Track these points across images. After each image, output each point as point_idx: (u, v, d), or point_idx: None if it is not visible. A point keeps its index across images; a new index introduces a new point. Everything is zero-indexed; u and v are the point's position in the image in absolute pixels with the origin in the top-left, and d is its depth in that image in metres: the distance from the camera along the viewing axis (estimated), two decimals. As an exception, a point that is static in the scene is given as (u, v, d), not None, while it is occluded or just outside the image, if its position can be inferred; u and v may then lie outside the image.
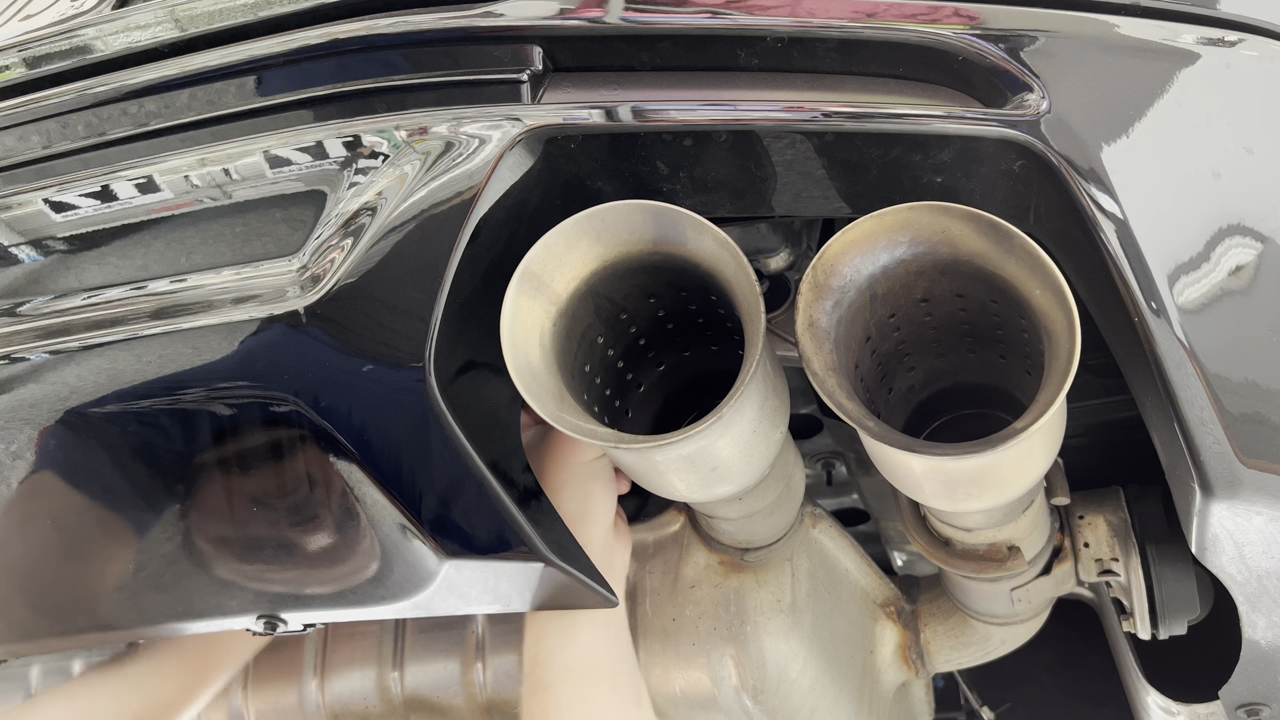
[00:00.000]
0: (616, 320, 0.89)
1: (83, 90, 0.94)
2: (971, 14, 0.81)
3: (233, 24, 0.91)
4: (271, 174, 0.89)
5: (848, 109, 0.81)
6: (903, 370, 0.94)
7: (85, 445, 0.94)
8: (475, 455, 0.85)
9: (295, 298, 0.86)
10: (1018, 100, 0.79)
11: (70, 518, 0.98)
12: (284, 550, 0.95)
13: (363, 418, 0.87)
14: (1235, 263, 0.77)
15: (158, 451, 0.93)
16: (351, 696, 1.31)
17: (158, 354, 0.90)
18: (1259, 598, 0.89)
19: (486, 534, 0.88)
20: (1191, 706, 1.17)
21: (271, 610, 1.00)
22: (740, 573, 1.20)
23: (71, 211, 0.94)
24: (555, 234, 0.79)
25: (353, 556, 0.94)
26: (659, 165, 0.87)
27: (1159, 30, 0.80)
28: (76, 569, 1.01)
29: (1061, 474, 1.11)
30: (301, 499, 0.92)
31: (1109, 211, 0.77)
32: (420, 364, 0.83)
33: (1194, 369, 0.76)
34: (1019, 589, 1.17)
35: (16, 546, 1.01)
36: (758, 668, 1.17)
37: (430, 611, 0.98)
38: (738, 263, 0.77)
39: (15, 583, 1.03)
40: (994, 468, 0.81)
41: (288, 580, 0.97)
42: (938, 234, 0.76)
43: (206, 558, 0.97)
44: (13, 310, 0.94)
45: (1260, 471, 0.77)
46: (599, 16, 0.84)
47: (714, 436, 0.80)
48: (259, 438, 0.90)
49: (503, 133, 0.83)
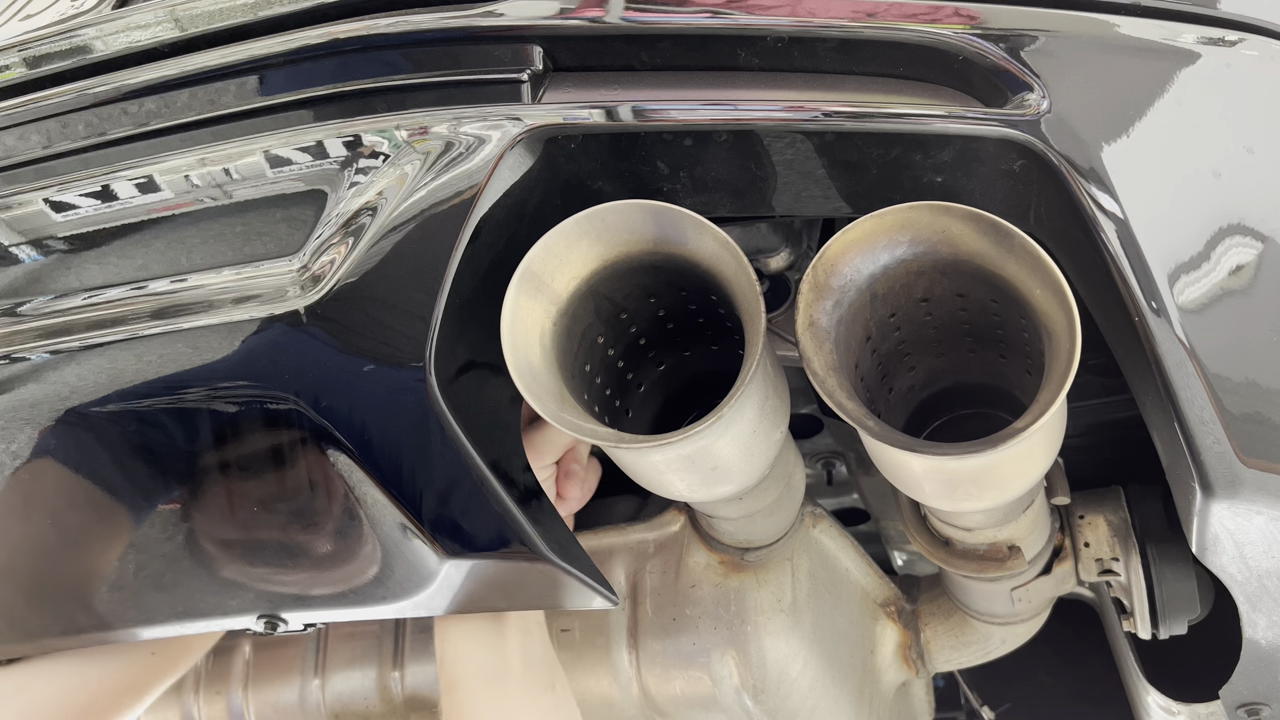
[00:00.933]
0: (617, 320, 0.89)
1: (83, 90, 0.94)
2: (972, 14, 0.81)
3: (233, 24, 0.91)
4: (271, 174, 0.89)
5: (848, 109, 0.81)
6: (903, 370, 0.94)
7: (85, 445, 0.94)
8: (475, 455, 0.85)
9: (295, 298, 0.86)
10: (1018, 100, 0.79)
11: (70, 517, 0.98)
12: (284, 550, 0.95)
13: (363, 418, 0.87)
14: (1235, 262, 0.77)
15: (158, 451, 0.93)
16: (352, 696, 1.31)
17: (158, 354, 0.90)
18: (1259, 597, 0.89)
19: (487, 534, 0.88)
20: (1192, 706, 1.17)
21: (272, 610, 1.00)
22: (740, 573, 1.20)
23: (71, 211, 0.94)
24: (555, 234, 0.79)
25: (353, 556, 0.94)
26: (659, 165, 0.87)
27: (1159, 30, 0.80)
28: (76, 569, 1.01)
29: (1062, 474, 1.11)
30: (302, 499, 0.92)
31: (1109, 211, 0.77)
32: (420, 364, 0.83)
33: (1194, 369, 0.76)
34: (1019, 589, 1.17)
35: (16, 546, 1.01)
36: (758, 667, 1.17)
37: (430, 611, 0.98)
38: (738, 263, 0.76)
39: (15, 582, 1.03)
40: (994, 468, 0.81)
41: (288, 580, 0.97)
42: (938, 234, 0.76)
43: (206, 557, 0.97)
44: (13, 310, 0.94)
45: (1261, 471, 0.77)
46: (599, 16, 0.84)
47: (714, 436, 0.80)
48: (259, 438, 0.90)
49: (503, 132, 0.83)
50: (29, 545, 1.00)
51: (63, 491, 0.96)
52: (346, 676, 1.31)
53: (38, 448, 0.95)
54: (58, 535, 0.99)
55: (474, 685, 1.01)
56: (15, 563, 1.02)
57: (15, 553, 1.01)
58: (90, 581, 1.01)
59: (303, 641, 1.35)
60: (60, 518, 0.98)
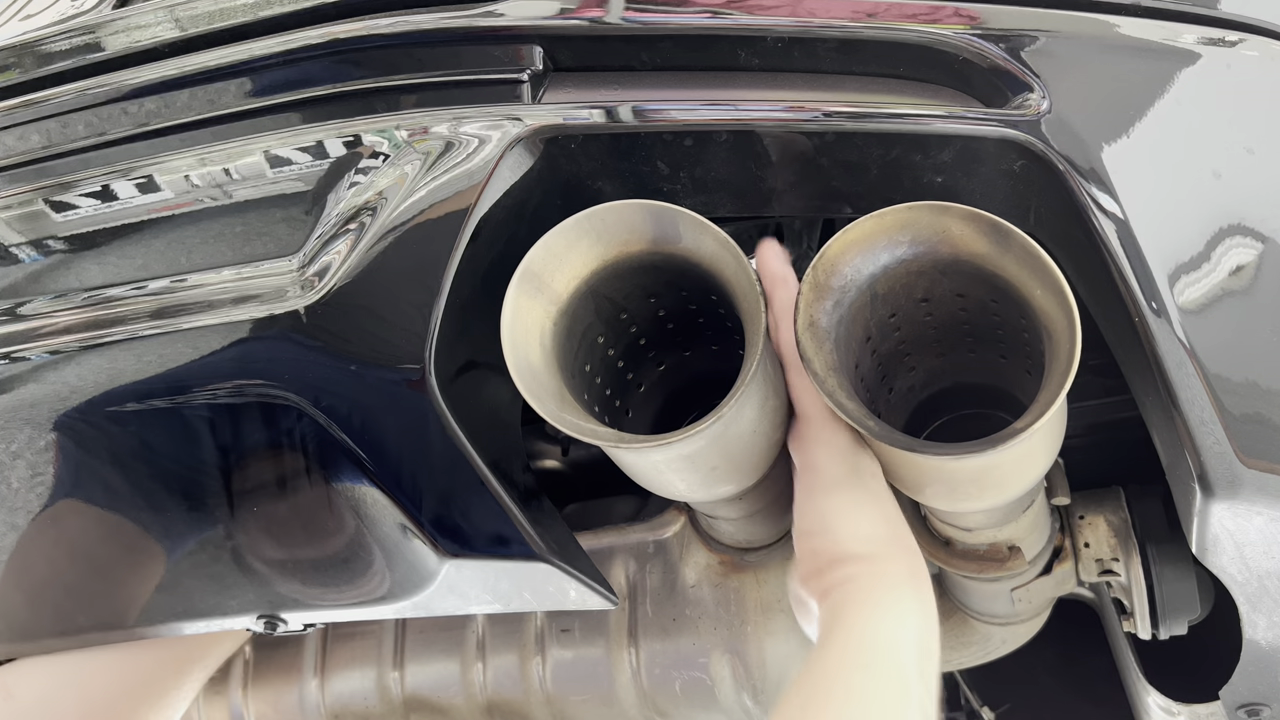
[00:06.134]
0: (617, 320, 0.89)
1: (83, 90, 0.94)
2: (972, 14, 0.81)
3: (233, 24, 0.91)
4: (271, 174, 0.89)
5: (848, 109, 0.81)
6: (903, 370, 0.94)
7: (85, 445, 0.94)
8: (476, 455, 0.85)
9: (295, 297, 0.86)
10: (1018, 100, 0.79)
11: (70, 517, 0.98)
12: (284, 550, 0.96)
13: (363, 418, 0.87)
14: (1236, 263, 0.77)
15: (158, 452, 0.93)
16: (351, 696, 1.31)
17: (158, 354, 0.90)
18: (1259, 598, 0.89)
19: (487, 534, 0.88)
20: (1192, 706, 1.16)
21: (271, 610, 1.00)
22: (740, 573, 1.20)
23: (71, 211, 0.94)
24: (555, 233, 0.79)
25: (353, 556, 0.94)
26: (659, 165, 0.87)
27: (1159, 30, 0.80)
28: (75, 568, 1.01)
29: (1062, 474, 1.11)
30: (302, 499, 0.92)
31: (1109, 211, 0.77)
32: (421, 364, 0.83)
33: (1194, 369, 0.76)
34: (1019, 589, 1.17)
35: (16, 546, 1.01)
36: (758, 667, 1.17)
37: (430, 611, 0.98)
38: (738, 263, 0.76)
39: (15, 582, 1.03)
40: (994, 468, 0.81)
41: (288, 580, 0.97)
42: (938, 234, 0.76)
43: (206, 557, 0.97)
44: (13, 310, 0.94)
45: (1261, 471, 0.77)
46: (599, 16, 0.84)
47: (714, 436, 0.80)
48: (259, 438, 0.90)
49: (503, 133, 0.83)
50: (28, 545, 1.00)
51: (61, 492, 0.96)
52: (346, 677, 1.31)
53: (37, 448, 0.95)
54: (56, 536, 0.99)
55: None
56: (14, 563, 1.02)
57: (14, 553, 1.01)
58: (89, 581, 1.01)
59: (302, 642, 1.35)
60: (59, 518, 0.98)
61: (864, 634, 0.74)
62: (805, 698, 0.71)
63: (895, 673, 0.72)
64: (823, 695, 0.70)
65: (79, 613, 1.03)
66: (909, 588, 0.77)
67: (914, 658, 0.73)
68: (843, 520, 0.80)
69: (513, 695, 1.26)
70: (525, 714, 1.27)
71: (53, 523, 0.98)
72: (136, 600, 1.01)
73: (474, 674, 1.26)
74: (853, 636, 0.74)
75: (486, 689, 1.26)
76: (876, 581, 0.77)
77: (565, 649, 1.23)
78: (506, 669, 1.26)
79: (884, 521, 0.81)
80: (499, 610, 0.98)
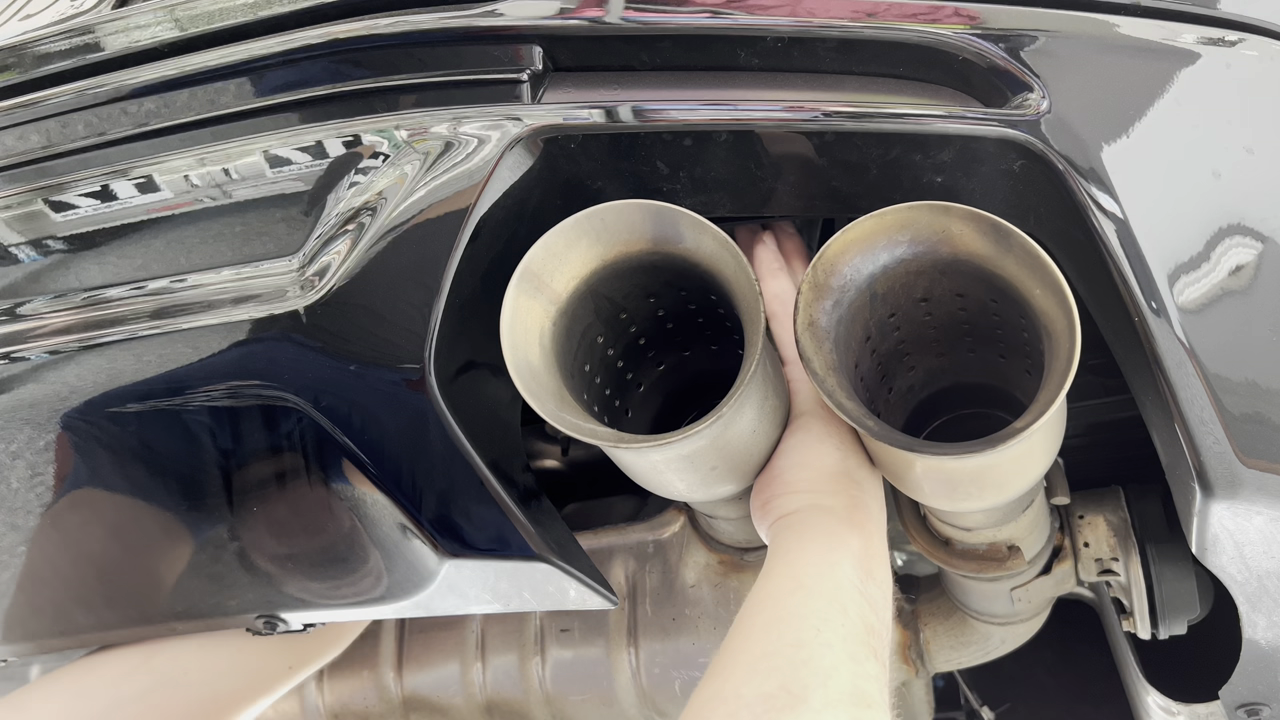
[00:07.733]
0: (616, 320, 0.89)
1: (83, 90, 0.94)
2: (971, 14, 0.81)
3: (232, 24, 0.91)
4: (271, 174, 0.89)
5: (848, 109, 0.81)
6: (903, 370, 0.94)
7: (84, 445, 0.94)
8: (475, 455, 0.85)
9: (295, 297, 0.86)
10: (1018, 100, 0.79)
11: (69, 517, 0.98)
12: (284, 549, 0.96)
13: (363, 417, 0.87)
14: (1235, 263, 0.77)
15: (158, 451, 0.93)
16: (351, 696, 1.31)
17: (158, 354, 0.90)
18: (1259, 597, 0.89)
19: (486, 534, 0.88)
20: (1191, 706, 1.16)
21: (271, 610, 1.00)
22: (740, 572, 1.20)
23: (71, 211, 0.94)
24: (555, 233, 0.79)
25: (353, 556, 0.94)
26: (659, 165, 0.87)
27: (1159, 30, 0.80)
28: (75, 568, 1.01)
29: (1061, 474, 1.11)
30: (302, 498, 0.92)
31: (1109, 211, 0.77)
32: (420, 364, 0.83)
33: (1194, 369, 0.76)
34: (1019, 589, 1.17)
35: (15, 546, 1.01)
36: (758, 667, 1.17)
37: (430, 611, 0.98)
38: (738, 263, 0.76)
39: (15, 582, 1.03)
40: (994, 467, 0.81)
41: (287, 579, 0.97)
42: (938, 233, 0.76)
43: (206, 557, 0.97)
44: (13, 310, 0.94)
45: (1260, 471, 0.77)
46: (599, 16, 0.84)
47: (714, 436, 0.80)
48: (259, 438, 0.90)
49: (503, 132, 0.83)
50: (27, 545, 1.00)
51: (60, 492, 0.96)
52: (346, 677, 1.31)
53: (37, 448, 0.95)
54: (56, 536, 0.99)
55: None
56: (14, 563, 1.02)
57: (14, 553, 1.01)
58: (88, 581, 1.01)
59: (302, 641, 1.35)
60: (58, 518, 0.98)
61: (798, 559, 0.80)
62: (746, 616, 0.76)
63: (832, 593, 0.76)
64: (762, 614, 0.75)
65: (78, 612, 1.03)
66: (843, 519, 0.83)
67: (853, 580, 0.77)
68: (791, 459, 0.88)
69: (512, 695, 1.26)
70: (525, 714, 1.27)
71: (52, 523, 0.98)
72: (136, 599, 1.01)
73: (473, 674, 1.26)
74: (788, 561, 0.80)
75: (486, 689, 1.26)
76: (811, 513, 0.83)
77: (565, 649, 1.23)
78: (506, 669, 1.26)
79: (834, 461, 0.87)
80: (499, 610, 0.98)
